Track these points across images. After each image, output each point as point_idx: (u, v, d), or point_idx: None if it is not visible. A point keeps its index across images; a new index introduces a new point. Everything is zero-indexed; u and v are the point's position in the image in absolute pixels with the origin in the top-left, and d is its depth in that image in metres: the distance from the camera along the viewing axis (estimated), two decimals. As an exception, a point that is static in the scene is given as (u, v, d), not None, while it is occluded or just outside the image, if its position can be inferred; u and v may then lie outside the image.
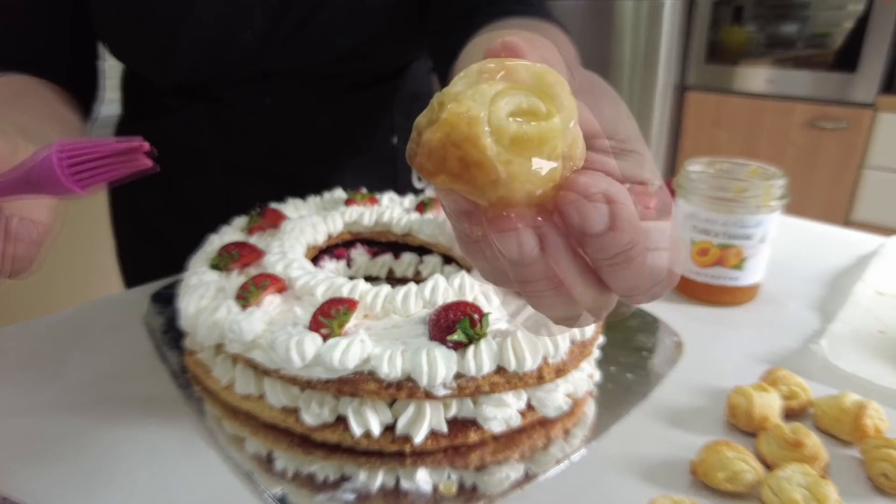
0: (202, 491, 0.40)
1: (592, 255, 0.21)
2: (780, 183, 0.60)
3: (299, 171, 0.77)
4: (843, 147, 2.20)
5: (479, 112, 0.18)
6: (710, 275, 0.63)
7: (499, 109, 0.19)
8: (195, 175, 0.77)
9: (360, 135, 0.80)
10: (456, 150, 0.18)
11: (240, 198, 0.70)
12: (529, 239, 0.20)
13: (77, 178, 0.34)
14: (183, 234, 0.74)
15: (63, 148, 0.34)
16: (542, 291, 0.22)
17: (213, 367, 0.48)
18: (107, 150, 0.34)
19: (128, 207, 0.85)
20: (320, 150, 0.78)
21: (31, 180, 0.35)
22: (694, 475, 0.40)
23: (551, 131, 0.19)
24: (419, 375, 0.39)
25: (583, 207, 0.19)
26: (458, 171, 0.18)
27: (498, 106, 0.19)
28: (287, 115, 0.74)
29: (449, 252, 0.61)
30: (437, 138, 0.19)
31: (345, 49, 0.71)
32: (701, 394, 0.49)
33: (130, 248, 0.87)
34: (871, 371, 0.50)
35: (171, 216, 0.80)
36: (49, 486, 0.40)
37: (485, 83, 0.19)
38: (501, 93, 0.19)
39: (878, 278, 0.66)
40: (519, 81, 0.19)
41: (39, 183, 0.34)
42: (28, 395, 0.49)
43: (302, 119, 0.75)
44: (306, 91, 0.73)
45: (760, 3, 2.33)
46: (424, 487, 0.40)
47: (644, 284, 0.22)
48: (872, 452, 0.40)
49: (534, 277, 0.21)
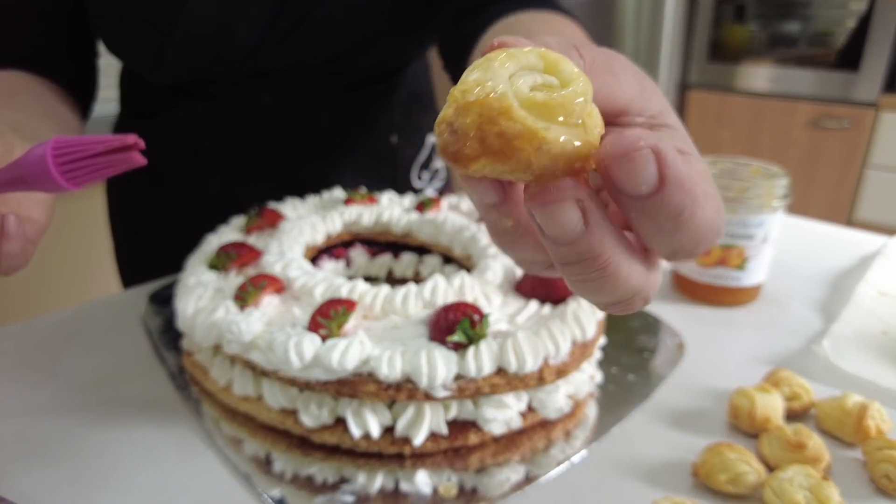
0: (200, 492, 0.39)
1: (639, 219, 0.20)
2: (782, 182, 0.59)
3: (297, 170, 0.77)
4: (846, 146, 2.19)
5: (504, 88, 0.18)
6: (712, 275, 0.62)
7: (520, 84, 0.19)
8: (192, 174, 0.76)
9: (358, 134, 0.80)
10: (493, 127, 0.18)
11: (237, 197, 0.70)
12: (573, 212, 0.19)
13: (70, 175, 0.34)
14: (180, 233, 0.74)
15: (57, 144, 0.34)
16: (588, 274, 0.21)
17: (211, 368, 0.48)
18: (100, 148, 0.34)
19: (125, 207, 0.84)
20: (318, 149, 0.77)
21: (26, 176, 0.35)
22: (696, 477, 0.40)
23: (575, 96, 0.19)
24: (419, 377, 0.39)
25: (629, 164, 0.19)
26: (500, 147, 0.18)
27: (518, 82, 0.19)
28: (284, 113, 0.74)
29: (449, 252, 0.61)
30: (471, 121, 0.18)
31: (342, 47, 0.71)
32: (702, 395, 0.49)
33: (127, 248, 0.86)
34: (873, 372, 0.50)
35: (167, 216, 0.80)
36: (46, 486, 0.40)
37: (498, 67, 0.19)
38: (515, 74, 0.19)
39: (881, 279, 0.66)
40: (527, 64, 0.20)
41: (34, 179, 0.35)
42: (25, 395, 0.49)
43: (299, 117, 0.75)
44: (304, 89, 0.73)
45: (763, 2, 2.33)
46: (424, 489, 0.39)
47: (690, 245, 0.21)
48: (875, 454, 0.40)
49: (578, 258, 0.20)
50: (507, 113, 0.18)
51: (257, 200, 0.65)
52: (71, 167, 0.34)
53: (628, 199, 0.19)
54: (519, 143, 0.18)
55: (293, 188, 0.73)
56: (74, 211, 1.35)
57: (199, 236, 0.60)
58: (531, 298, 0.47)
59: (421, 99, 0.88)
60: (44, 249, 0.40)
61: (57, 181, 0.34)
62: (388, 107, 0.81)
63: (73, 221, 1.41)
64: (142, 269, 0.80)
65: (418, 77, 0.86)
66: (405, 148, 0.85)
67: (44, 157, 0.34)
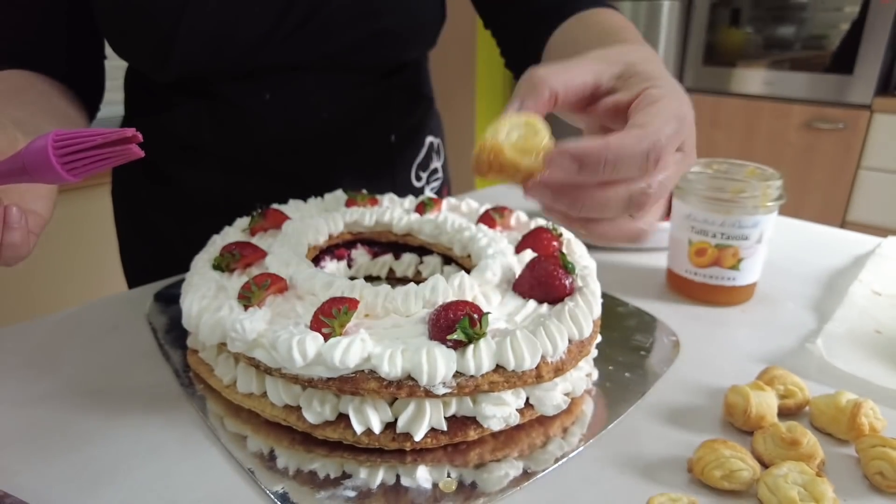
0: (204, 489, 0.40)
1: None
2: (777, 184, 0.60)
3: (298, 168, 0.78)
4: (840, 148, 2.20)
5: (499, 139, 0.36)
6: (707, 275, 0.63)
7: (509, 136, 0.37)
8: (195, 172, 0.77)
9: (358, 132, 0.81)
10: (494, 159, 0.36)
11: (239, 196, 0.70)
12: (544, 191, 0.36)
13: (70, 166, 0.36)
14: (181, 231, 0.74)
15: (58, 136, 0.35)
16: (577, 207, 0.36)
17: (215, 366, 0.49)
18: (99, 140, 0.35)
19: (128, 206, 0.85)
20: (319, 147, 0.78)
21: (27, 167, 0.36)
22: (691, 473, 0.40)
23: (536, 142, 0.36)
24: (419, 374, 0.39)
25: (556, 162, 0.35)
26: (498, 169, 0.36)
27: (509, 135, 0.37)
28: (285, 111, 0.74)
29: (449, 252, 0.61)
30: (483, 156, 0.36)
31: (346, 45, 0.71)
32: (698, 392, 0.49)
33: (131, 247, 0.87)
34: (867, 370, 0.50)
35: (169, 214, 0.80)
36: (51, 483, 0.40)
37: (499, 126, 0.37)
38: (510, 131, 0.37)
39: (875, 278, 0.66)
40: (517, 123, 0.37)
41: (35, 169, 0.36)
42: (30, 392, 0.50)
43: (300, 115, 0.75)
44: (305, 87, 0.74)
45: (758, 6, 2.34)
46: (424, 485, 0.40)
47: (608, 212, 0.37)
48: (868, 451, 0.40)
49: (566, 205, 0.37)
50: (501, 153, 0.36)
51: (258, 198, 0.66)
52: (71, 158, 0.36)
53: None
54: (507, 167, 0.36)
55: (294, 186, 0.73)
56: (81, 211, 1.36)
57: (201, 234, 0.61)
58: (529, 298, 0.48)
59: (420, 100, 0.88)
60: (52, 249, 0.41)
61: (57, 171, 0.35)
62: (387, 106, 0.82)
63: (79, 222, 1.42)
64: (145, 267, 0.81)
65: (418, 78, 0.87)
66: (404, 148, 0.86)
67: (45, 148, 0.35)
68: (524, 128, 0.37)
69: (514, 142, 0.36)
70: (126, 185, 0.84)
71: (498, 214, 0.63)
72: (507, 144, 0.36)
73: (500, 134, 0.36)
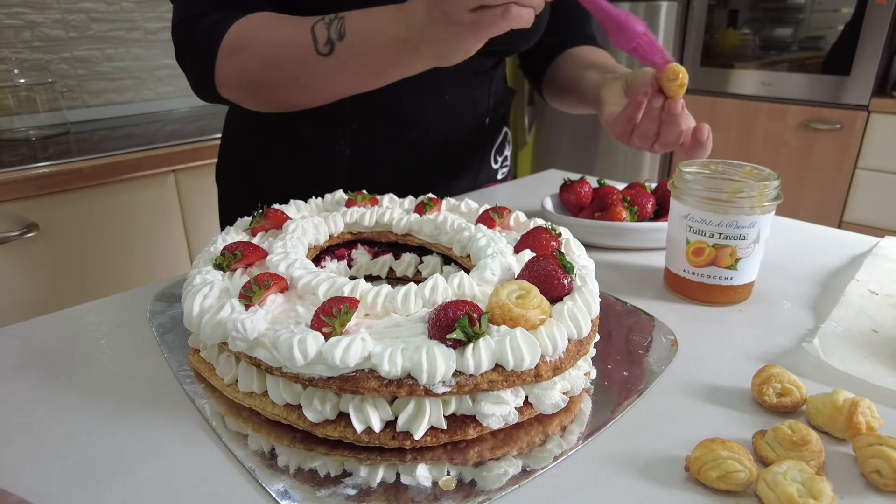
0: (205, 487, 0.40)
1: None
2: (774, 184, 0.60)
3: (419, 139, 0.92)
4: (837, 148, 2.21)
5: (505, 299, 0.44)
6: (704, 274, 0.63)
7: (511, 295, 0.45)
8: (329, 141, 0.89)
9: (464, 112, 0.95)
10: (505, 314, 0.44)
11: (359, 165, 0.89)
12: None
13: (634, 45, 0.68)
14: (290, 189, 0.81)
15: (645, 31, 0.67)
16: None
17: (216, 365, 0.49)
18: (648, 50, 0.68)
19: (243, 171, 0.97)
20: (438, 123, 0.92)
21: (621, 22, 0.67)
22: (688, 472, 0.40)
23: (530, 299, 0.45)
24: (419, 373, 0.40)
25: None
26: (509, 319, 0.44)
27: (511, 295, 0.45)
28: (422, 89, 0.86)
29: (448, 252, 0.62)
30: (496, 311, 0.44)
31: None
32: (696, 391, 0.50)
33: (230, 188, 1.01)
34: (864, 369, 0.51)
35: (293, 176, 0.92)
36: (53, 482, 0.40)
37: (503, 289, 0.45)
38: (511, 292, 0.45)
39: (871, 277, 0.67)
40: (517, 287, 0.46)
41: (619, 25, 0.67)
42: (33, 392, 0.50)
43: (430, 95, 0.90)
44: (441, 70, 0.72)
45: (755, 7, 2.35)
46: (424, 483, 0.40)
47: None
48: (865, 450, 0.41)
49: None
50: (508, 308, 0.43)
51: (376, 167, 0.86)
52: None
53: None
54: (514, 316, 0.43)
55: (411, 153, 0.91)
56: (84, 212, 1.36)
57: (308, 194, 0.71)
58: (529, 297, 0.48)
59: (508, 90, 1.06)
60: (56, 249, 0.40)
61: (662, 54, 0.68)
62: (489, 92, 0.98)
63: (83, 222, 1.42)
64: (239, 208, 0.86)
65: (505, 70, 1.04)
66: (492, 132, 1.03)
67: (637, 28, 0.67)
68: (520, 287, 0.46)
69: (514, 301, 0.45)
70: (261, 137, 0.94)
71: (497, 214, 0.64)
72: (510, 301, 0.45)
73: (502, 295, 0.45)
